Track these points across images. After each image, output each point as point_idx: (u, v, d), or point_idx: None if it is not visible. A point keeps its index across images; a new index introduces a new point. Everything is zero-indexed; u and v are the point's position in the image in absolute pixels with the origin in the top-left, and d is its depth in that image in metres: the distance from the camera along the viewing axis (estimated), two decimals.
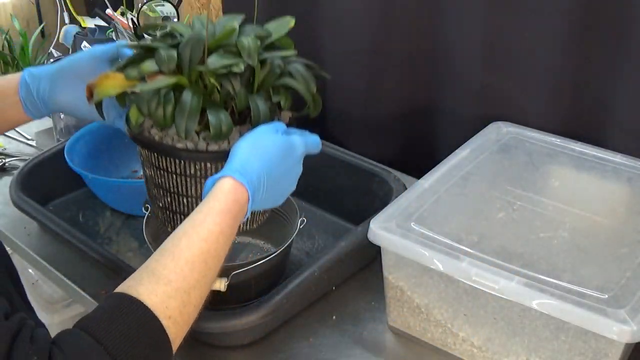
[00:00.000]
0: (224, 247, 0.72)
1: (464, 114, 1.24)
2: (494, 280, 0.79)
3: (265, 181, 0.76)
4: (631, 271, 0.81)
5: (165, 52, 0.80)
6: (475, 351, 0.88)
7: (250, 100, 0.81)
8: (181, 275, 0.67)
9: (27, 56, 2.17)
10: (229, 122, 0.79)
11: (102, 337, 0.60)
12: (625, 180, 0.99)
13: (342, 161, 1.21)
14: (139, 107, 0.80)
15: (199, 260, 0.69)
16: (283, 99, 0.84)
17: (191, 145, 0.81)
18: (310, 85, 0.86)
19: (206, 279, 0.70)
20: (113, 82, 0.81)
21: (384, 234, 0.87)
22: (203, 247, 0.69)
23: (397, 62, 1.29)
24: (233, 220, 0.73)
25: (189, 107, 0.78)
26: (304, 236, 1.17)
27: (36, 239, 1.15)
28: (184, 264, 0.68)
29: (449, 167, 1.01)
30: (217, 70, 0.79)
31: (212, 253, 0.70)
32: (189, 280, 0.67)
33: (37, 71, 0.91)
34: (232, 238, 0.74)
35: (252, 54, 0.80)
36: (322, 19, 1.37)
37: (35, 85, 0.90)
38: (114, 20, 1.45)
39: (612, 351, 0.77)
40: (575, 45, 1.08)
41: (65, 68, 0.91)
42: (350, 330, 0.96)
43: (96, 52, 0.92)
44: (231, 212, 0.72)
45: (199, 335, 0.92)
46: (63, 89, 0.90)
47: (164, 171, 0.85)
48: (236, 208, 0.73)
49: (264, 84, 0.84)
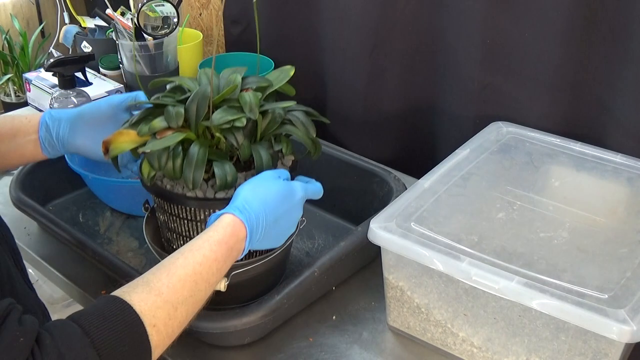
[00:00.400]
0: (215, 275, 0.77)
1: (464, 114, 1.24)
2: (493, 280, 0.79)
3: (263, 221, 0.81)
4: (631, 271, 0.81)
5: (174, 109, 0.87)
6: (475, 351, 0.88)
7: (253, 150, 0.88)
8: (172, 290, 0.72)
9: (27, 56, 2.17)
10: (234, 172, 0.86)
11: (90, 330, 0.65)
12: (625, 180, 0.99)
13: (342, 161, 1.21)
14: (150, 163, 0.87)
15: (190, 280, 0.74)
16: (284, 146, 0.91)
17: (200, 194, 0.87)
18: (309, 132, 0.92)
19: (194, 299, 0.74)
20: (127, 138, 0.89)
21: (384, 234, 0.87)
22: (196, 269, 0.75)
23: (397, 62, 1.30)
24: (228, 252, 0.78)
25: (196, 160, 0.85)
26: (304, 236, 1.17)
27: (36, 239, 1.15)
28: (177, 280, 0.73)
29: (449, 167, 1.01)
30: (221, 125, 0.86)
31: (203, 276, 0.75)
32: (178, 296, 0.72)
33: (57, 114, 0.98)
34: (224, 268, 0.79)
35: (254, 109, 0.86)
36: (322, 19, 1.37)
37: (55, 128, 0.97)
38: (114, 20, 1.45)
39: (612, 351, 0.77)
40: (575, 45, 1.08)
41: (86, 114, 0.99)
42: (350, 330, 0.96)
43: (114, 101, 1.00)
44: (227, 243, 0.78)
45: (199, 335, 0.92)
46: (82, 134, 0.98)
47: (176, 217, 0.91)
48: (232, 240, 0.79)
49: (266, 133, 0.90)
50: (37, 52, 2.20)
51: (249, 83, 0.92)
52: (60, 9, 1.93)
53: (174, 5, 1.43)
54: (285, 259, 1.03)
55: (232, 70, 0.95)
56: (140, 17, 1.41)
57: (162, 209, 0.93)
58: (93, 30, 1.67)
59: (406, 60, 1.29)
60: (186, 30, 1.65)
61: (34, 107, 1.57)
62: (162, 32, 1.44)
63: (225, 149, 0.89)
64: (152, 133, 0.87)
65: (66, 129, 0.97)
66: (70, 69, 1.31)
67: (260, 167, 0.87)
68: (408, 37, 1.26)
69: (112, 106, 1.00)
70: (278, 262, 0.98)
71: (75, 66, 1.31)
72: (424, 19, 1.23)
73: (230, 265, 0.80)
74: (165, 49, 1.46)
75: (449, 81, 1.25)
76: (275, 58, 1.48)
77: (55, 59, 1.29)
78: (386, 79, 1.32)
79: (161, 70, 1.48)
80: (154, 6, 1.42)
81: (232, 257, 0.80)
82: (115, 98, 1.01)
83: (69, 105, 1.32)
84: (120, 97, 1.01)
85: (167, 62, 1.48)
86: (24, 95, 1.83)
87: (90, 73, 1.52)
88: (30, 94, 1.57)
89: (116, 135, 0.90)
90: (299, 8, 1.42)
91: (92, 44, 1.62)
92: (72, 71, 1.31)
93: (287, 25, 1.46)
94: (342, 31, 1.33)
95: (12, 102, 2.16)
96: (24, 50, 2.15)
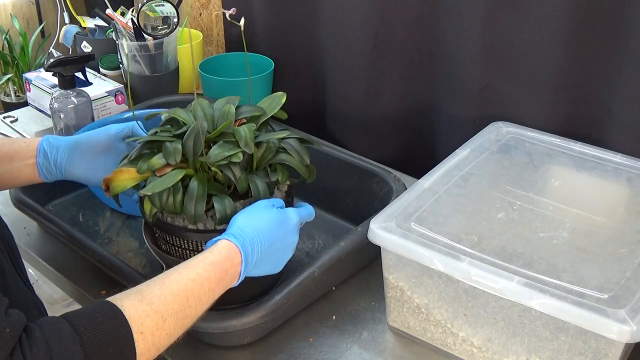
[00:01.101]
0: (207, 294, 0.79)
1: (464, 114, 1.24)
2: (493, 280, 0.79)
3: (258, 246, 0.84)
4: (631, 271, 0.81)
5: (171, 145, 0.90)
6: (475, 351, 0.88)
7: (250, 181, 0.91)
8: (163, 302, 0.74)
9: (27, 56, 2.17)
10: (233, 205, 0.89)
11: (79, 329, 0.67)
12: (625, 180, 0.99)
13: (342, 161, 1.21)
14: (152, 202, 0.89)
15: (182, 295, 0.76)
16: (280, 175, 0.94)
17: (201, 226, 0.90)
18: (303, 159, 0.95)
19: (183, 314, 0.76)
20: (127, 176, 0.92)
21: (384, 234, 0.87)
22: (189, 285, 0.77)
23: (397, 62, 1.30)
24: (222, 274, 0.80)
25: (196, 196, 0.87)
26: (304, 236, 1.17)
27: (36, 239, 1.15)
28: (168, 293, 0.75)
29: (449, 167, 1.01)
30: (218, 162, 0.88)
31: (195, 293, 0.78)
32: (168, 308, 0.74)
33: (55, 142, 1.00)
34: (217, 289, 0.81)
35: (249, 143, 0.89)
36: (322, 19, 1.37)
37: (53, 155, 0.99)
38: (114, 20, 1.45)
39: (612, 351, 0.77)
40: (575, 45, 1.08)
41: (83, 143, 1.01)
42: (350, 330, 0.96)
43: (111, 131, 1.02)
44: (222, 265, 0.81)
45: (199, 335, 0.92)
46: (79, 162, 1.00)
47: (178, 247, 0.93)
48: (227, 264, 0.81)
49: (261, 162, 0.93)
50: (37, 52, 2.20)
51: (242, 113, 0.95)
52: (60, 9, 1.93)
53: (173, 5, 1.43)
54: None
55: (226, 101, 0.97)
56: (140, 17, 1.41)
57: (164, 239, 0.95)
58: (93, 30, 1.67)
59: (406, 60, 1.29)
60: (186, 30, 1.65)
61: (34, 107, 1.57)
62: (162, 32, 1.44)
63: (222, 180, 0.92)
64: (151, 170, 0.89)
65: (64, 157, 0.99)
66: (70, 69, 1.30)
67: (257, 197, 0.90)
68: (408, 37, 1.26)
69: (109, 136, 1.02)
70: None
71: (75, 66, 1.31)
72: (424, 19, 1.23)
73: (224, 288, 0.82)
74: (165, 49, 1.46)
75: (449, 81, 1.25)
76: (275, 58, 1.48)
77: (55, 59, 1.29)
78: (386, 79, 1.32)
79: (161, 70, 1.48)
80: (154, 6, 1.42)
81: (226, 280, 0.81)
82: (113, 128, 1.03)
83: (68, 106, 1.32)
84: (117, 127, 1.03)
85: (167, 62, 1.48)
86: (24, 95, 1.83)
87: (90, 73, 1.52)
88: (30, 94, 1.57)
89: (116, 174, 0.92)
90: (299, 8, 1.42)
91: (92, 44, 1.62)
92: (72, 71, 1.31)
93: (287, 25, 1.46)
94: (342, 31, 1.33)
95: (12, 102, 2.16)
96: (24, 50, 2.15)
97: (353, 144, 1.40)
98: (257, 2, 1.49)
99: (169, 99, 1.43)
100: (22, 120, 1.53)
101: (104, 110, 1.48)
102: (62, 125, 1.34)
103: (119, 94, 1.50)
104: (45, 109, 1.52)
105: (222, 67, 1.51)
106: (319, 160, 1.06)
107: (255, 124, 0.94)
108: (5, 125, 1.50)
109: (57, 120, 1.35)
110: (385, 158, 1.31)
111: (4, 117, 1.53)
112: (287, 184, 0.98)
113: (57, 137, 1.01)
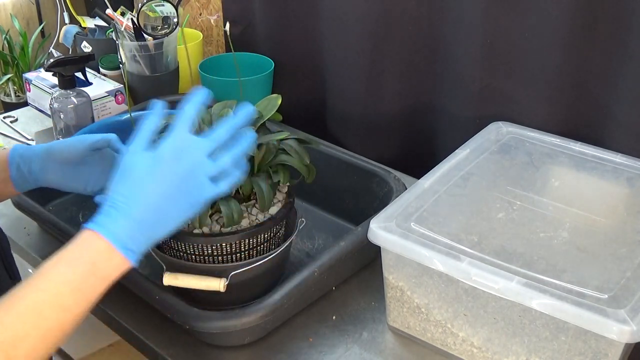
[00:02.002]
0: (70, 297, 0.68)
1: (464, 114, 1.24)
2: (493, 281, 0.79)
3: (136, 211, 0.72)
4: (631, 271, 0.81)
5: None
6: (475, 351, 0.88)
7: (253, 184, 0.91)
8: (8, 328, 0.65)
9: (27, 56, 2.17)
10: (239, 209, 0.89)
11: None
12: (625, 180, 0.99)
13: (342, 161, 1.21)
14: None
15: (30, 312, 0.66)
16: (282, 176, 0.94)
17: (206, 230, 0.90)
18: (303, 159, 0.95)
19: (41, 330, 0.66)
20: None
21: (384, 234, 0.87)
22: (38, 297, 0.67)
23: (397, 62, 1.30)
24: (87, 267, 0.70)
25: None
26: (304, 236, 1.17)
27: (36, 239, 1.15)
28: (15, 316, 0.66)
29: (449, 167, 1.01)
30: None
31: (49, 304, 0.67)
32: (17, 333, 0.65)
33: (27, 153, 0.94)
34: (88, 287, 0.70)
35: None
36: (322, 19, 1.37)
37: (26, 166, 0.93)
38: (114, 20, 1.45)
39: (612, 351, 0.77)
40: (575, 45, 1.08)
41: (55, 152, 0.94)
42: (350, 330, 0.96)
43: (86, 142, 0.95)
44: (82, 260, 0.70)
45: (199, 335, 0.92)
46: (53, 170, 0.94)
47: (183, 253, 0.93)
48: (88, 255, 0.70)
49: (262, 164, 0.94)
50: (37, 52, 2.19)
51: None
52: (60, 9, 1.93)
53: (173, 5, 1.43)
54: (285, 259, 1.03)
55: (223, 105, 0.97)
56: (140, 17, 1.41)
57: (168, 245, 0.94)
58: (93, 30, 1.67)
59: (406, 60, 1.29)
60: (186, 30, 1.64)
61: (34, 107, 1.57)
62: (162, 32, 1.44)
63: None
64: None
65: (37, 167, 0.93)
66: (70, 69, 1.30)
67: (262, 199, 0.91)
68: (408, 37, 1.26)
69: (84, 147, 0.95)
70: (278, 262, 0.98)
71: (75, 66, 1.31)
72: (424, 19, 1.23)
73: (98, 280, 0.70)
74: (165, 49, 1.46)
75: (449, 81, 1.25)
76: (275, 58, 1.48)
77: (55, 59, 1.29)
78: (386, 79, 1.32)
79: (161, 70, 1.48)
80: (154, 6, 1.42)
81: (96, 272, 0.70)
82: (88, 139, 0.96)
83: (68, 106, 1.32)
84: (92, 138, 0.96)
85: (167, 62, 1.48)
86: (24, 95, 1.82)
87: (90, 73, 1.52)
88: (30, 94, 1.57)
89: None
90: (299, 8, 1.42)
91: (92, 44, 1.62)
92: (72, 71, 1.31)
93: (287, 26, 1.46)
94: (342, 31, 1.33)
95: (12, 102, 2.16)
96: (24, 50, 2.15)
97: (353, 144, 1.40)
98: (257, 2, 1.49)
99: (169, 99, 1.43)
100: (22, 120, 1.53)
101: (104, 110, 1.48)
102: (62, 125, 1.34)
103: (119, 94, 1.50)
104: (45, 109, 1.52)
105: (222, 67, 1.51)
106: (319, 160, 1.06)
107: (254, 127, 0.93)
108: (5, 125, 1.51)
109: (57, 120, 1.35)
110: (385, 158, 1.31)
111: (4, 117, 1.53)
112: (287, 185, 0.98)
113: (27, 147, 0.95)
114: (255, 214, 0.94)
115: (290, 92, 1.33)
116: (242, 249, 0.93)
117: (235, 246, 0.92)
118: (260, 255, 0.94)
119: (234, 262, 0.93)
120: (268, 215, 0.94)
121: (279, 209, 0.95)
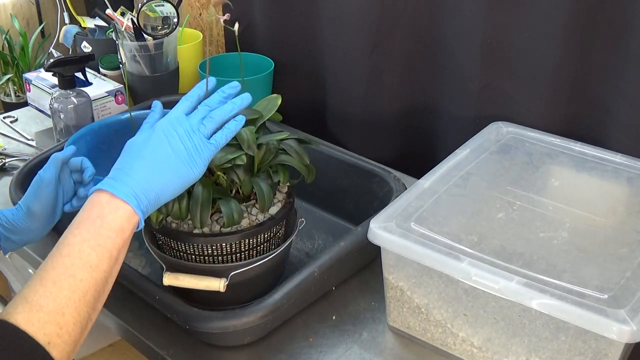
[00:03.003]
0: (93, 252, 0.71)
1: (464, 114, 1.24)
2: (493, 280, 0.79)
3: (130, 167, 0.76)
4: (631, 271, 0.81)
5: None
6: (475, 351, 0.88)
7: (253, 184, 0.92)
8: (50, 298, 0.68)
9: (27, 56, 2.17)
10: (239, 209, 0.89)
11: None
12: (625, 180, 0.99)
13: (342, 161, 1.21)
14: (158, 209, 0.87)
15: (64, 278, 0.69)
16: (282, 176, 0.95)
17: (207, 230, 0.90)
18: (303, 159, 0.96)
19: (80, 292, 0.69)
20: None
21: (384, 234, 0.87)
22: (65, 262, 0.70)
23: (397, 62, 1.30)
24: (95, 221, 0.73)
25: (201, 201, 0.88)
26: (304, 236, 1.17)
27: None
28: (51, 285, 0.68)
29: (449, 167, 1.01)
30: (222, 165, 0.89)
31: (78, 264, 0.70)
32: (60, 301, 0.68)
33: (10, 224, 0.94)
34: (103, 239, 0.72)
35: (252, 146, 0.90)
36: (322, 19, 1.37)
37: (14, 234, 0.94)
38: (114, 20, 1.45)
39: (612, 351, 0.77)
40: (575, 45, 1.08)
41: (35, 209, 0.94)
42: (350, 330, 0.96)
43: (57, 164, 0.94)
44: (89, 217, 0.73)
45: (199, 335, 0.92)
46: (36, 215, 0.94)
47: (184, 253, 0.93)
48: (95, 211, 0.73)
49: (262, 164, 0.94)
50: (37, 52, 2.19)
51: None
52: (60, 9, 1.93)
53: (174, 5, 1.43)
54: (285, 259, 1.03)
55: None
56: (140, 17, 1.41)
57: (169, 246, 0.95)
58: (93, 30, 1.67)
59: (406, 60, 1.29)
60: (186, 30, 1.65)
61: (34, 107, 1.57)
62: (162, 32, 1.44)
63: (225, 184, 0.93)
64: None
65: (23, 225, 0.94)
66: (70, 69, 1.31)
67: (262, 201, 0.91)
68: (408, 37, 1.26)
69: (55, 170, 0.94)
70: (278, 262, 0.98)
71: (75, 66, 1.31)
72: (424, 19, 1.23)
73: (116, 233, 0.73)
74: (165, 49, 1.46)
75: (449, 81, 1.25)
76: (275, 58, 1.48)
77: (55, 59, 1.29)
78: (386, 79, 1.32)
79: (161, 70, 1.48)
80: (154, 6, 1.42)
81: (106, 224, 0.73)
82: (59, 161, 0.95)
83: (68, 106, 1.32)
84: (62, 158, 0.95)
85: (167, 62, 1.48)
86: (24, 96, 1.82)
87: (90, 73, 1.52)
88: (30, 94, 1.57)
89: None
90: (299, 8, 1.42)
91: (92, 44, 1.62)
92: (72, 71, 1.31)
93: (287, 26, 1.46)
94: (342, 31, 1.33)
95: (12, 102, 2.16)
96: (24, 50, 2.15)
97: (353, 144, 1.40)
98: (257, 2, 1.49)
99: (169, 99, 1.43)
100: (22, 120, 1.53)
101: (104, 110, 1.48)
102: (62, 125, 1.35)
103: (119, 94, 1.50)
104: (45, 109, 1.52)
105: (222, 67, 1.51)
106: (319, 160, 1.06)
107: (254, 127, 0.94)
108: (5, 126, 1.51)
109: (57, 121, 1.35)
110: (385, 158, 1.31)
111: (4, 117, 1.53)
112: (287, 185, 0.98)
113: (7, 214, 0.94)
114: (255, 214, 0.94)
115: (290, 92, 1.33)
116: (242, 249, 0.93)
117: (235, 246, 0.92)
118: (260, 256, 0.94)
119: (234, 262, 0.93)
120: (268, 215, 0.94)
121: (279, 209, 0.95)
